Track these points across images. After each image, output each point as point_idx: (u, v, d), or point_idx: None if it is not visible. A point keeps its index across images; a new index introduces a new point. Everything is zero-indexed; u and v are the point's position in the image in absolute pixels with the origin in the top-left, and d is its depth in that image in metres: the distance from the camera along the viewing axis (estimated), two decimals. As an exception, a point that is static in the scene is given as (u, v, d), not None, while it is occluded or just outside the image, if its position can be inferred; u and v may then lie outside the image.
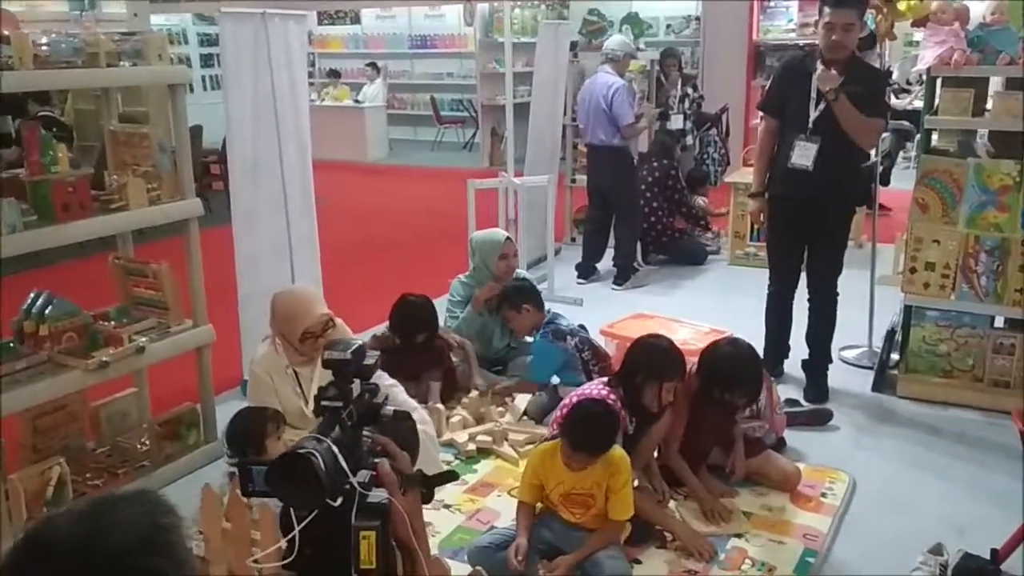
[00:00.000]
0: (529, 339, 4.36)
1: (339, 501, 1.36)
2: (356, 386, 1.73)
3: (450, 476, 1.71)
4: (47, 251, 3.32)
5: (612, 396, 3.19)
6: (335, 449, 1.40)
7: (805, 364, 4.40)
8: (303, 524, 1.34)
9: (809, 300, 4.30)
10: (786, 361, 4.53)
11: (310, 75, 14.79)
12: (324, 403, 1.63)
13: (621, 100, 5.88)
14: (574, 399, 3.19)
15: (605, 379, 3.34)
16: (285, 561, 1.40)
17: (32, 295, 3.34)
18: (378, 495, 1.42)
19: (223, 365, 4.18)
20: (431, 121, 13.79)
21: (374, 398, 1.75)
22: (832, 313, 4.28)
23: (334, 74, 13.80)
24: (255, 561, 2.03)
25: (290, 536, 1.36)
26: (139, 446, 3.61)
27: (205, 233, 3.79)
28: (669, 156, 6.85)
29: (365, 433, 1.69)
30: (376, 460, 1.59)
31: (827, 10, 3.86)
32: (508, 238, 4.57)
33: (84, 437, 3.63)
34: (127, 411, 3.81)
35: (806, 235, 4.18)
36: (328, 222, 8.10)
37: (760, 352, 3.71)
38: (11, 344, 3.24)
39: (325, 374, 1.66)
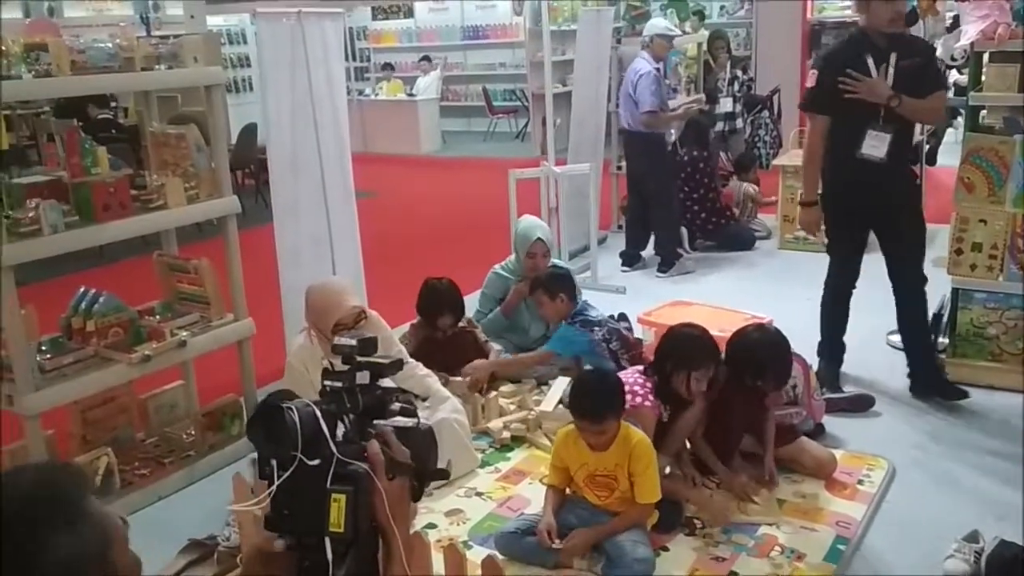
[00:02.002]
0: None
1: (316, 462, 1.41)
2: (364, 376, 1.78)
3: (441, 474, 1.74)
4: (102, 251, 3.46)
5: (648, 384, 3.20)
6: (318, 413, 1.46)
7: (913, 362, 4.12)
8: (280, 481, 1.40)
9: (900, 293, 4.06)
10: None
11: (364, 70, 15.03)
12: (325, 382, 1.69)
13: (644, 87, 5.83)
14: None
15: (641, 367, 3.35)
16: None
17: (80, 292, 3.49)
18: (358, 466, 1.46)
19: (269, 357, 4.29)
20: (484, 112, 13.85)
21: (386, 396, 1.79)
22: (926, 300, 4.07)
23: (388, 67, 13.95)
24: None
25: (268, 492, 1.41)
26: (185, 436, 3.74)
27: (258, 230, 3.89)
28: (701, 144, 6.74)
29: (373, 424, 1.75)
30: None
31: None
32: (539, 238, 4.51)
33: (133, 428, 3.78)
34: (175, 403, 3.95)
35: (880, 227, 3.96)
36: (376, 215, 8.28)
37: (792, 341, 3.59)
38: (59, 339, 3.39)
39: None
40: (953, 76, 4.66)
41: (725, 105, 7.48)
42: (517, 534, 2.94)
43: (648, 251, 6.43)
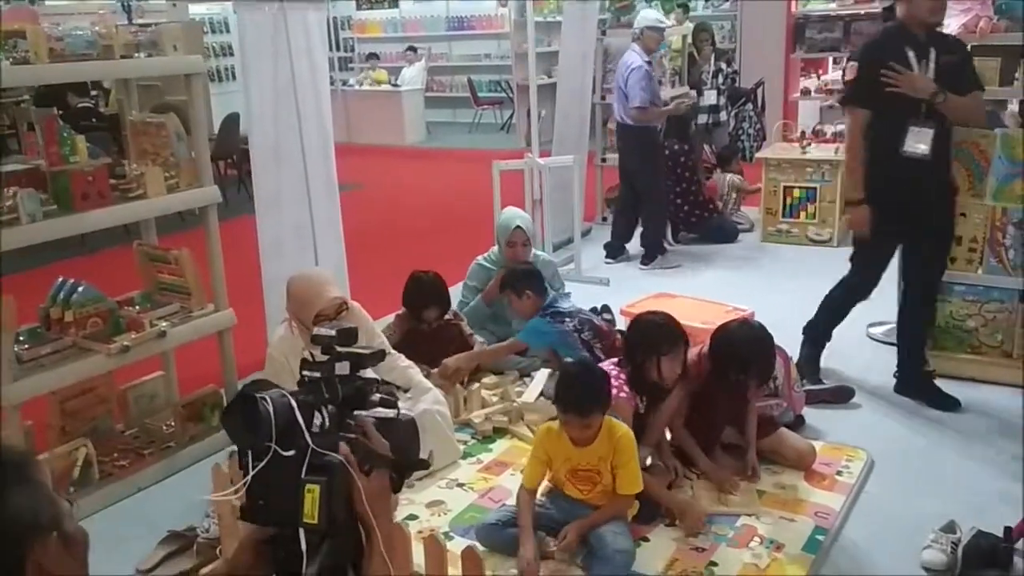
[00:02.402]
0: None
1: (291, 453, 1.41)
2: (344, 366, 1.77)
3: (422, 464, 1.74)
4: (84, 239, 3.43)
5: (622, 376, 3.20)
6: (294, 404, 1.45)
7: (906, 364, 4.04)
8: (255, 472, 1.40)
9: (913, 294, 3.98)
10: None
11: (349, 60, 14.94)
12: (304, 372, 1.67)
13: (633, 82, 5.82)
14: None
15: (615, 360, 3.35)
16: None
17: (59, 282, 3.46)
18: (333, 456, 1.46)
19: (251, 348, 4.27)
20: (469, 103, 13.81)
21: (367, 386, 1.78)
22: (935, 307, 4.05)
23: (373, 57, 13.88)
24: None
25: (242, 484, 1.41)
26: (165, 427, 3.72)
27: (240, 220, 3.86)
28: (682, 137, 6.75)
29: (353, 416, 1.74)
30: (350, 436, 1.63)
31: None
32: (519, 226, 4.51)
33: (112, 419, 3.76)
34: (155, 393, 3.93)
35: (913, 230, 3.80)
36: (360, 206, 8.26)
37: (774, 333, 3.58)
38: (37, 330, 3.36)
39: None
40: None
41: (709, 98, 7.47)
42: (498, 525, 2.94)
43: (634, 244, 6.44)
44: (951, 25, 4.00)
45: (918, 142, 3.59)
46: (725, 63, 7.90)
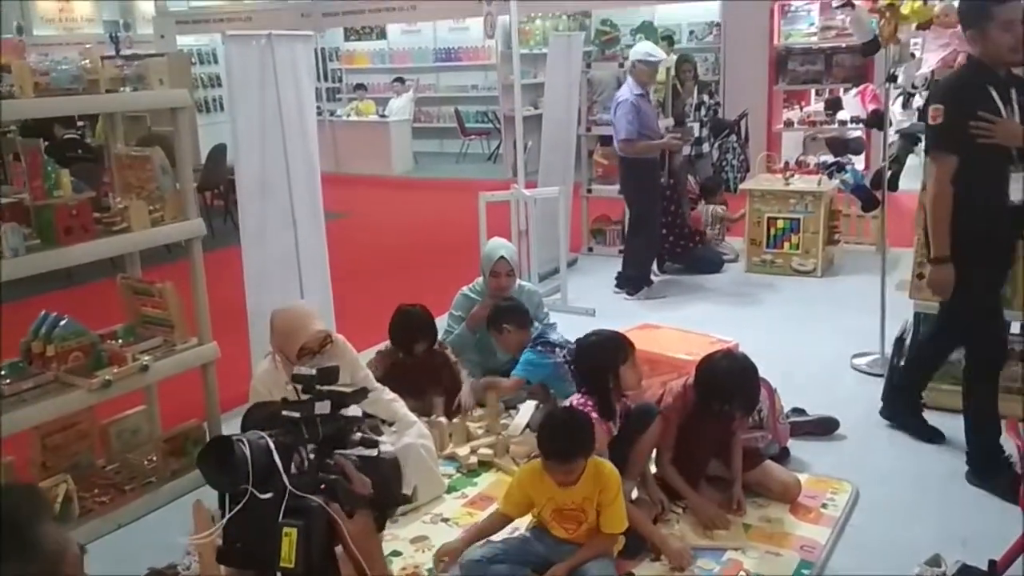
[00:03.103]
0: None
1: (268, 495, 1.40)
2: (325, 406, 1.76)
3: (404, 500, 1.73)
4: (55, 276, 3.42)
5: (589, 403, 3.22)
6: (271, 445, 1.44)
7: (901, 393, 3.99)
8: (231, 514, 1.39)
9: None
10: (806, 372, 4.38)
11: (337, 90, 15.01)
12: (284, 412, 1.67)
13: (620, 115, 5.88)
14: None
15: (580, 395, 3.35)
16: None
17: (41, 316, 3.44)
18: (311, 499, 1.45)
19: (236, 380, 4.24)
20: (456, 133, 13.88)
21: (347, 425, 1.77)
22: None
23: (361, 88, 13.95)
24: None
25: (218, 527, 1.40)
26: (146, 463, 3.69)
27: (227, 251, 3.83)
28: (667, 169, 6.76)
29: (333, 455, 1.73)
30: (332, 477, 1.62)
31: (1002, 6, 3.27)
32: (502, 257, 4.49)
33: (94, 454, 3.72)
34: (137, 428, 3.90)
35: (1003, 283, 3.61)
36: (347, 236, 8.27)
37: (759, 364, 3.57)
38: (19, 364, 3.34)
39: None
40: (917, 101, 4.77)
41: (692, 130, 7.56)
42: (483, 562, 2.91)
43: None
44: (929, 60, 4.06)
45: (1018, 189, 3.34)
46: (707, 95, 7.99)
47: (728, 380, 3.29)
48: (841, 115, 8.81)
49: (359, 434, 1.78)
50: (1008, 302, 3.93)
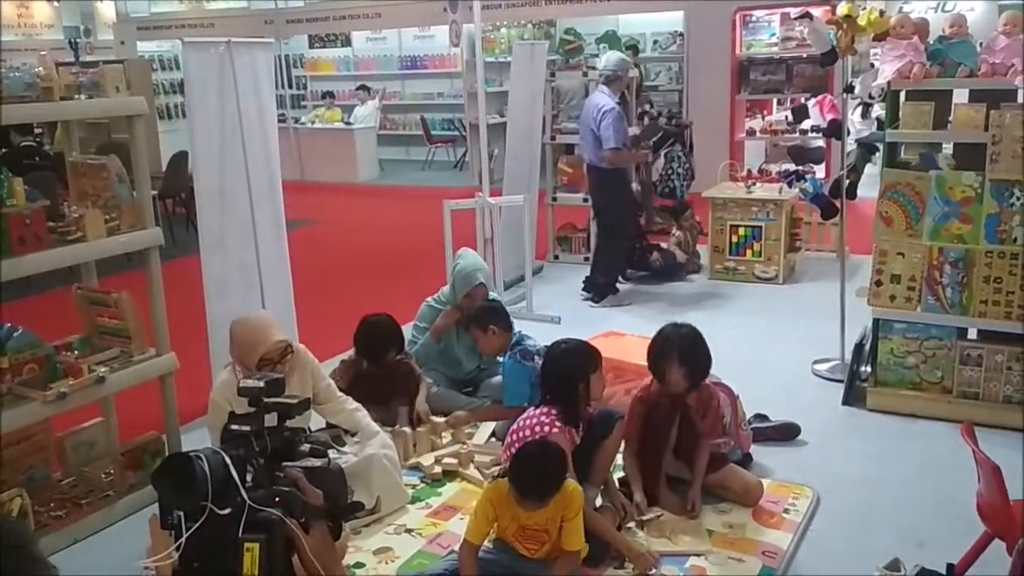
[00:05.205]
0: (500, 359, 4.35)
1: (227, 511, 1.37)
2: (272, 418, 1.74)
3: (355, 507, 1.72)
4: (15, 285, 3.35)
5: (552, 413, 3.21)
6: (228, 461, 1.42)
7: None
8: (189, 533, 1.37)
9: None
10: (768, 378, 4.41)
11: (301, 97, 14.92)
12: (232, 426, 1.65)
13: (608, 124, 5.83)
14: (522, 431, 3.23)
15: (542, 405, 3.33)
16: None
17: (-7, 327, 3.37)
18: (271, 513, 1.43)
19: (196, 391, 4.19)
20: (422, 141, 13.85)
21: (295, 437, 1.75)
22: None
23: (328, 96, 13.86)
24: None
25: (176, 545, 1.37)
26: (103, 476, 3.62)
27: (189, 260, 3.77)
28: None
29: (282, 467, 1.70)
30: (284, 490, 1.60)
31: None
32: (481, 283, 4.45)
33: (49, 467, 3.65)
34: (94, 440, 3.83)
35: None
36: (311, 244, 8.21)
37: (721, 370, 3.62)
38: (-30, 377, 3.26)
39: None
40: (876, 111, 4.85)
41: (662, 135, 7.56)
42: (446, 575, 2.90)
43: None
44: (885, 71, 4.11)
45: None
46: (648, 104, 8.01)
47: (677, 339, 3.39)
48: (804, 124, 8.90)
49: (307, 445, 1.77)
50: (964, 309, 4.01)
